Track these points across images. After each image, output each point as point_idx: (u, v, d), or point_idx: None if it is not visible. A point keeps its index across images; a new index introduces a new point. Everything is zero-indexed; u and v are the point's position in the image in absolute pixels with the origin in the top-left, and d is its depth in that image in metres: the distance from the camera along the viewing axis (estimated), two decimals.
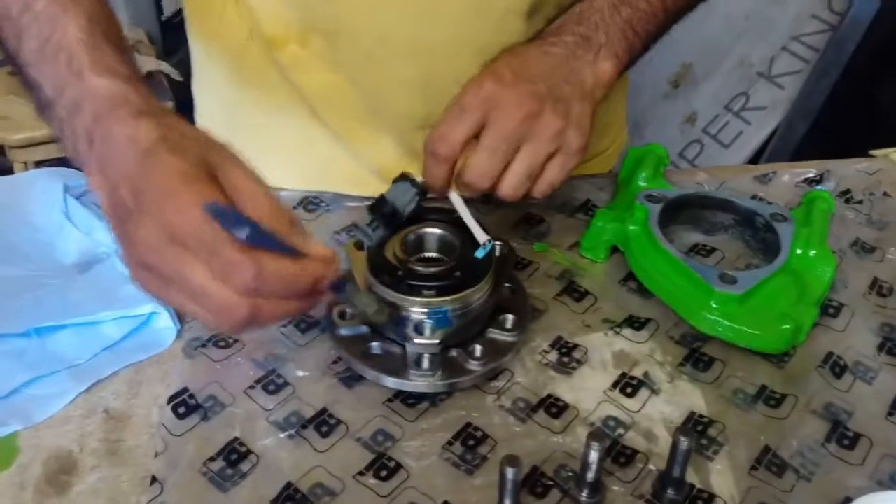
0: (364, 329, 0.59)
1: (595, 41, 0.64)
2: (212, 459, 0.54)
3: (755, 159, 2.02)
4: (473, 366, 0.57)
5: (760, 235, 0.70)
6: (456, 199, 0.61)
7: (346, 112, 0.75)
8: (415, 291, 0.56)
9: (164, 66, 1.83)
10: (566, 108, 0.60)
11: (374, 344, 0.58)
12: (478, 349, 0.58)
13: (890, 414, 0.59)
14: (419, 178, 0.61)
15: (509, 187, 0.60)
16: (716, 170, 0.83)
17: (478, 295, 0.57)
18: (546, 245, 0.72)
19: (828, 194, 0.71)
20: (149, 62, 1.82)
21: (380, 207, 0.60)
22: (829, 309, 0.66)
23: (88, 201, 0.72)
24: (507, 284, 0.63)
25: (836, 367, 0.62)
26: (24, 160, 1.55)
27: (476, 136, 0.60)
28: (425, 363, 0.56)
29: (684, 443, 0.50)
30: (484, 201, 0.68)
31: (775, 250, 0.66)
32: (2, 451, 0.54)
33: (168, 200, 0.44)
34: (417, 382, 0.56)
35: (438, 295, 0.56)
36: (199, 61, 0.83)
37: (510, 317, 0.60)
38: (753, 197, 0.78)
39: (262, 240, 0.44)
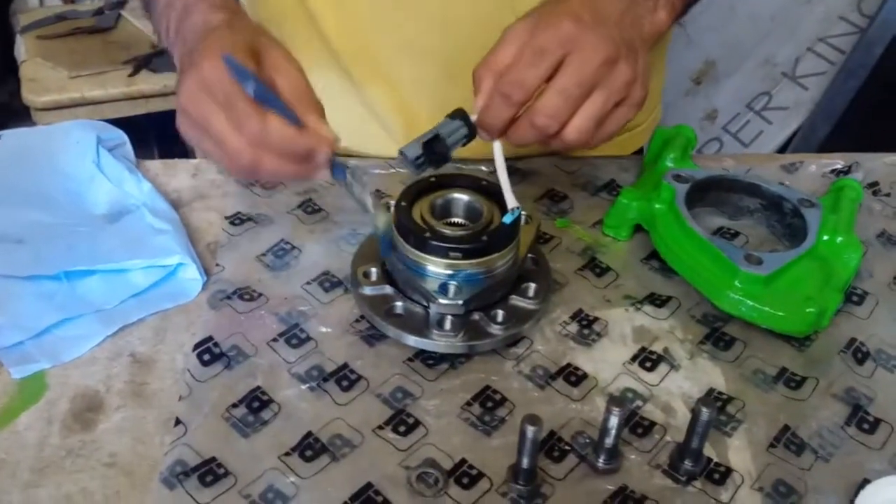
0: (388, 289, 0.59)
1: None
2: (234, 406, 0.54)
3: None
4: (495, 330, 0.58)
5: (787, 220, 0.70)
6: (499, 151, 0.59)
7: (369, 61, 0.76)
8: (441, 253, 0.56)
9: None
10: (636, 57, 0.58)
11: (398, 304, 0.59)
12: (500, 314, 0.58)
13: None
14: (473, 118, 0.58)
15: (577, 131, 0.57)
16: (743, 157, 0.84)
17: (502, 261, 0.58)
18: (568, 221, 0.72)
19: (856, 183, 0.71)
20: None
21: (432, 145, 0.57)
22: (852, 296, 0.66)
23: (119, 154, 0.72)
24: (530, 255, 0.63)
25: (859, 353, 0.62)
26: (49, 122, 1.55)
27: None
28: (447, 324, 0.57)
29: (706, 413, 0.50)
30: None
31: (801, 236, 0.66)
32: (31, 386, 0.55)
33: (206, 57, 0.54)
34: (439, 342, 0.57)
35: (464, 258, 0.56)
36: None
37: (532, 285, 0.60)
38: (780, 185, 0.78)
39: (266, 97, 0.53)
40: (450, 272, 0.56)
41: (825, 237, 0.66)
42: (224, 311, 0.61)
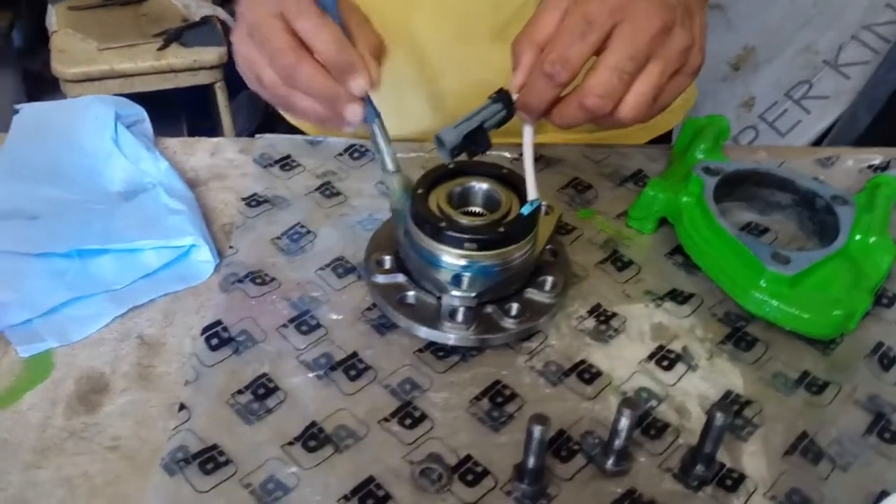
0: (401, 278, 0.58)
1: None
2: (240, 392, 0.54)
3: None
4: (508, 323, 0.56)
5: (819, 218, 0.67)
6: (529, 137, 0.54)
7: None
8: (455, 243, 0.55)
9: (220, 12, 1.83)
10: (692, 19, 0.53)
11: (410, 293, 0.58)
12: (514, 307, 0.57)
13: None
14: (515, 96, 0.53)
15: (632, 109, 0.51)
16: (777, 149, 0.80)
17: (518, 253, 0.56)
18: (592, 212, 0.70)
19: (894, 180, 0.68)
20: (204, 7, 1.82)
21: (474, 135, 0.53)
22: (882, 299, 0.64)
23: (138, 132, 0.72)
24: (548, 247, 0.61)
25: (885, 358, 0.59)
26: (77, 94, 1.56)
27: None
28: (459, 316, 0.56)
29: (720, 418, 0.48)
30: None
31: (832, 234, 0.64)
32: (38, 365, 0.55)
33: None
34: (450, 334, 0.55)
35: (479, 249, 0.54)
36: None
37: (549, 279, 0.59)
38: (813, 180, 0.75)
39: (333, 10, 0.56)
40: (464, 263, 0.55)
41: (857, 237, 0.63)
42: (235, 294, 0.60)
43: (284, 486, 0.49)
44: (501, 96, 0.53)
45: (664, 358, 0.58)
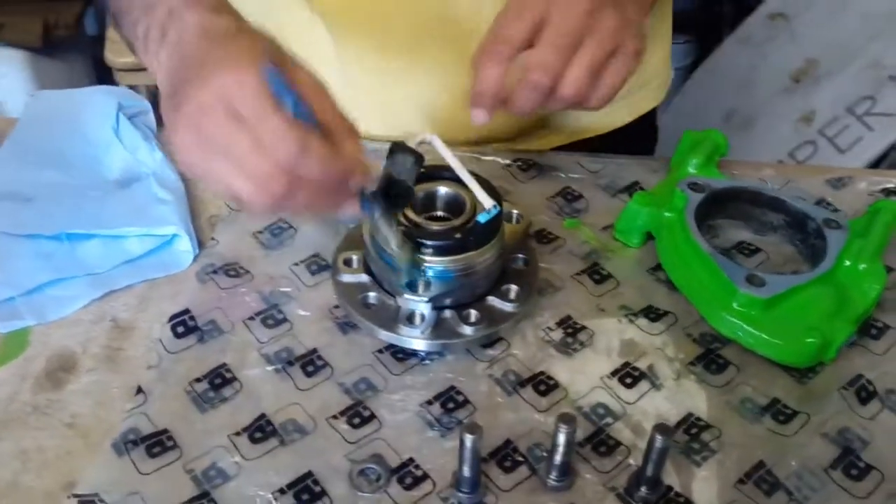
0: (365, 278, 0.59)
1: None
2: (198, 380, 0.55)
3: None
4: (465, 330, 0.56)
5: (810, 241, 0.64)
6: (445, 150, 0.57)
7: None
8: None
9: None
10: (623, 6, 0.58)
11: (372, 294, 0.58)
12: (473, 314, 0.57)
13: None
14: (416, 141, 0.57)
15: (572, 84, 0.56)
16: (785, 168, 0.78)
17: (478, 259, 0.56)
18: (578, 222, 0.69)
19: (895, 206, 0.65)
20: None
21: (391, 189, 0.54)
22: (871, 329, 0.61)
23: (139, 122, 0.74)
24: (520, 255, 0.61)
25: (864, 391, 0.57)
26: (128, 83, 1.62)
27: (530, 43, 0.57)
28: (417, 319, 0.56)
29: (660, 441, 0.47)
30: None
31: (822, 259, 0.61)
32: (13, 342, 0.57)
33: (229, 67, 0.47)
34: (405, 338, 0.56)
35: (435, 254, 0.55)
36: None
37: (514, 287, 0.58)
38: (819, 202, 0.73)
39: (305, 115, 0.47)
40: (419, 267, 0.55)
41: (847, 262, 0.61)
42: (208, 285, 0.62)
43: (225, 474, 0.50)
44: (396, 147, 0.54)
45: (628, 375, 0.57)
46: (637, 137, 0.91)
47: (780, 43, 2.05)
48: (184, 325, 0.58)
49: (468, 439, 0.46)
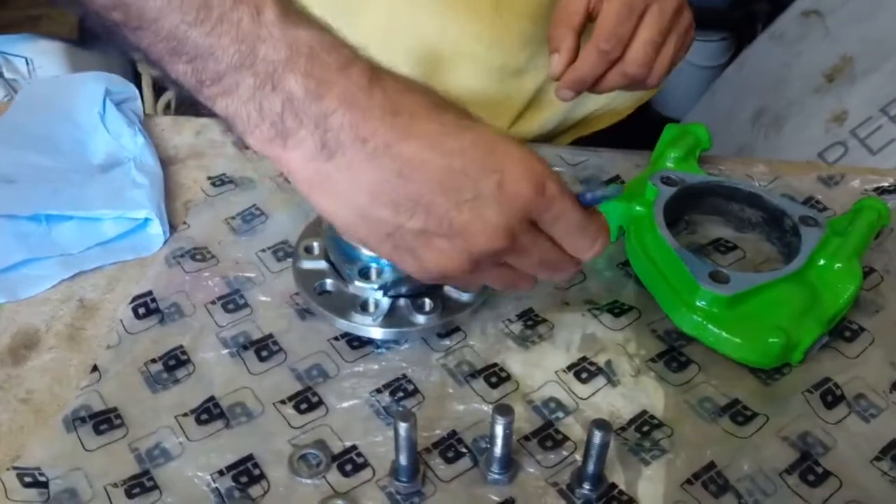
0: (324, 265, 0.59)
1: None
2: (153, 361, 0.56)
3: None
4: (419, 319, 0.56)
5: (786, 239, 0.62)
6: None
7: None
8: None
9: None
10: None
11: (329, 281, 0.58)
12: (427, 303, 0.56)
13: (878, 459, 0.52)
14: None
15: (659, 74, 0.62)
16: (777, 164, 0.75)
17: None
18: None
19: (882, 205, 0.63)
20: None
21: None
22: (845, 331, 0.59)
23: (126, 108, 0.75)
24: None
25: (830, 395, 0.55)
26: (152, 73, 1.65)
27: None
28: (370, 307, 0.56)
29: (598, 436, 0.46)
30: None
31: (795, 257, 0.59)
32: None
33: (525, 174, 0.42)
34: (357, 325, 0.56)
35: None
36: None
37: None
38: (808, 200, 0.70)
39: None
40: (373, 255, 0.55)
41: (821, 261, 0.59)
42: (174, 268, 0.63)
43: (168, 454, 0.50)
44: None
45: (584, 370, 0.56)
46: (638, 131, 0.90)
47: (814, 40, 2.00)
48: (145, 306, 0.59)
49: (402, 427, 0.46)
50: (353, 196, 0.41)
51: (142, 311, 0.59)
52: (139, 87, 1.80)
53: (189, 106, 0.45)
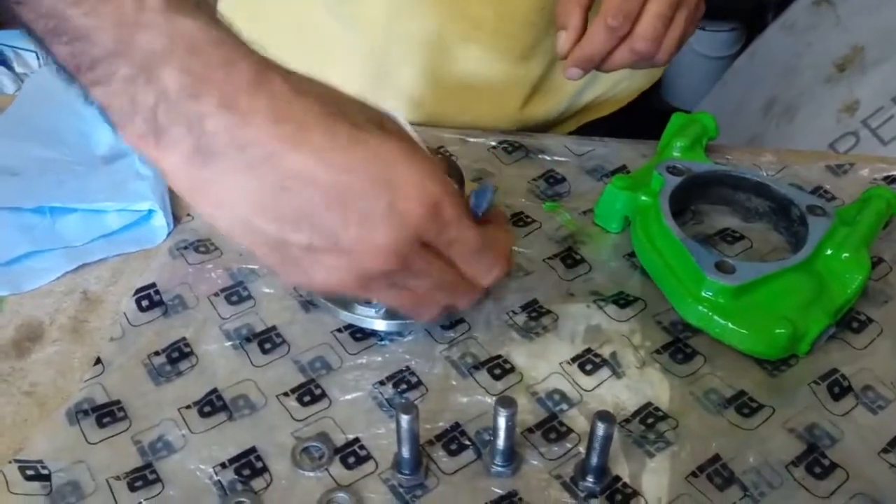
0: None
1: None
2: (156, 353, 0.56)
3: None
4: None
5: (793, 228, 0.62)
6: (416, 137, 0.49)
7: None
8: None
9: None
10: None
11: None
12: None
13: (886, 451, 0.51)
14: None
15: (668, 50, 0.60)
16: (785, 153, 0.75)
17: None
18: (557, 205, 0.68)
19: (891, 194, 0.62)
20: None
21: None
22: (852, 322, 0.58)
23: None
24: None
25: (837, 386, 0.54)
26: None
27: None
28: (373, 299, 0.55)
29: (601, 428, 0.46)
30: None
31: (802, 247, 0.59)
32: None
33: (419, 195, 0.39)
34: (361, 317, 0.55)
35: None
36: None
37: None
38: (816, 189, 0.70)
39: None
40: None
41: (828, 251, 0.58)
42: (178, 260, 0.62)
43: (171, 446, 0.50)
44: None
45: (589, 362, 0.56)
46: (647, 122, 0.89)
47: (825, 30, 1.98)
48: (149, 298, 0.59)
49: (404, 419, 0.45)
50: (232, 205, 0.38)
51: (145, 303, 0.59)
52: None
53: None
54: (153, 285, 0.60)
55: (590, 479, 0.48)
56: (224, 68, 0.36)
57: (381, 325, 0.56)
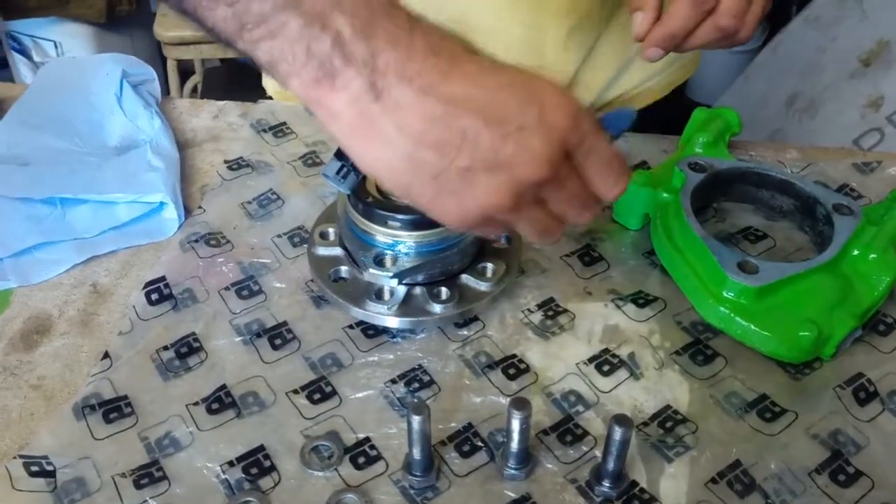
0: (339, 251, 0.57)
1: None
2: (165, 348, 0.55)
3: None
4: (435, 308, 0.54)
5: (819, 227, 0.60)
6: None
7: None
8: (380, 220, 0.53)
9: None
10: None
11: (344, 268, 0.57)
12: (443, 292, 0.55)
13: None
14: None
15: (750, 27, 0.58)
16: (810, 150, 0.73)
17: (445, 237, 0.53)
18: None
19: None
20: None
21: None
22: (879, 325, 0.56)
23: (143, 90, 0.74)
24: (504, 234, 0.58)
25: (863, 391, 0.53)
26: (175, 56, 1.64)
27: None
28: (385, 295, 0.54)
29: (619, 432, 0.44)
30: None
31: (828, 246, 0.57)
32: None
33: (563, 106, 0.41)
34: (372, 313, 0.54)
35: (403, 228, 0.53)
36: None
37: (490, 266, 0.56)
38: (842, 187, 0.68)
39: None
40: (388, 242, 0.53)
41: (855, 251, 0.56)
42: (188, 253, 0.62)
43: (178, 443, 0.49)
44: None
45: (606, 362, 0.54)
46: (669, 117, 0.87)
47: (850, 24, 1.94)
48: (158, 292, 0.58)
49: (415, 420, 0.44)
50: (398, 138, 0.39)
51: (155, 296, 0.58)
52: (164, 71, 1.81)
53: (213, 91, 0.45)
54: (163, 279, 0.59)
55: (606, 483, 0.47)
56: (385, 13, 0.39)
57: (393, 321, 0.55)
